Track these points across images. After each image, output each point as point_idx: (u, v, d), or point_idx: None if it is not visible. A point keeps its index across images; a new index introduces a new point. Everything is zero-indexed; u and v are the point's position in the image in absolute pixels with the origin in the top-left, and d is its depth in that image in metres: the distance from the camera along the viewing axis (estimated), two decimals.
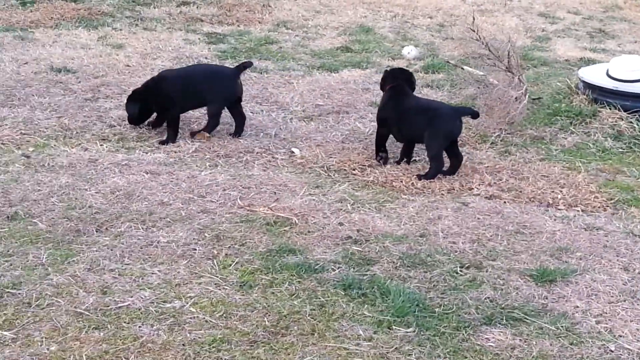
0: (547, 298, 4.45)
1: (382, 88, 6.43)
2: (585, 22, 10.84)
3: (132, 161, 5.92)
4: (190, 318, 4.08)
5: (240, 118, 6.57)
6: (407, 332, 4.07)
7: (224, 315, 4.13)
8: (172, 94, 6.36)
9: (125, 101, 6.55)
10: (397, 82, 6.30)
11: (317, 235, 4.99)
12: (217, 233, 4.93)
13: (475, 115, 6.19)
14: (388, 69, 6.68)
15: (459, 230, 5.17)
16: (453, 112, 6.09)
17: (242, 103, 7.00)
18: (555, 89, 7.79)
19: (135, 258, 4.61)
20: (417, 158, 6.26)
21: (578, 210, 5.59)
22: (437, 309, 4.28)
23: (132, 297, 4.23)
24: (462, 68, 8.08)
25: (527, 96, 7.15)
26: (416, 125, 6.03)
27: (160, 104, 6.43)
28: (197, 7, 10.26)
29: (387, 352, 3.90)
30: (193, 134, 6.40)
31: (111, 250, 4.67)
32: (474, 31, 8.18)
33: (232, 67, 7.04)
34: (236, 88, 6.51)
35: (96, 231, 4.89)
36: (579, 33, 10.32)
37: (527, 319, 4.23)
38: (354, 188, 5.74)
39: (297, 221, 5.15)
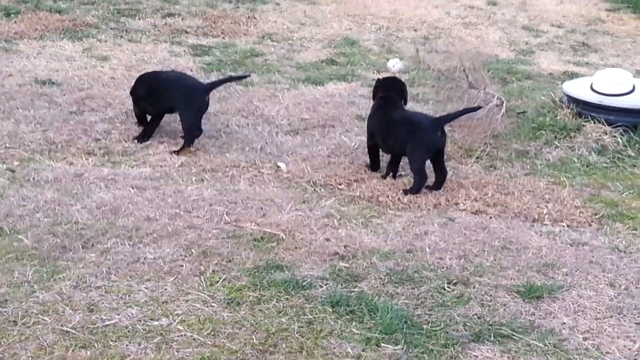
0: (534, 314, 4.47)
1: (373, 97, 6.47)
2: (569, 36, 10.89)
3: (117, 176, 5.90)
4: (178, 336, 4.07)
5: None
6: (396, 349, 4.07)
7: (212, 333, 4.11)
8: (140, 93, 6.66)
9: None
10: (388, 92, 6.33)
11: (304, 252, 4.99)
12: (204, 249, 4.92)
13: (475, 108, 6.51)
14: (380, 78, 6.70)
15: (445, 246, 5.18)
16: (434, 123, 6.07)
17: (228, 116, 7.04)
18: (539, 103, 7.82)
19: (121, 275, 4.59)
20: (403, 173, 6.26)
21: (563, 226, 5.61)
22: (425, 326, 4.28)
23: (119, 314, 4.21)
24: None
25: (503, 105, 7.20)
26: (399, 137, 6.06)
27: (134, 100, 6.71)
28: (182, 19, 10.24)
29: None
30: (177, 152, 6.38)
31: (97, 266, 4.65)
32: (420, 62, 8.36)
33: (204, 81, 7.31)
34: (205, 103, 6.60)
35: (82, 247, 4.86)
36: (562, 46, 10.37)
37: (515, 336, 4.24)
38: (341, 203, 5.74)
39: (284, 237, 5.14)
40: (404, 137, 6.01)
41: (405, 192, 5.93)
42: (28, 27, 9.42)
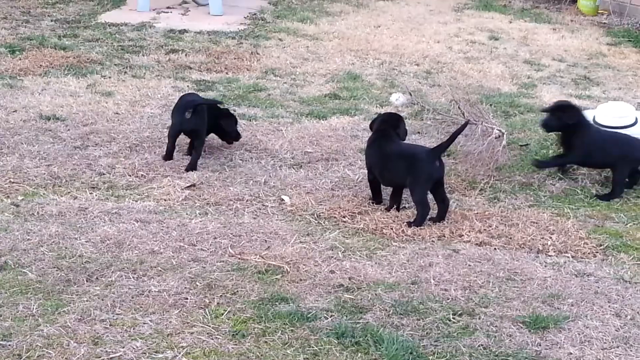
0: (540, 345, 4.46)
1: (371, 130, 6.54)
2: (570, 69, 10.94)
3: (122, 209, 5.91)
4: None
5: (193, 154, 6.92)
6: None
7: None
8: None
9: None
10: (383, 126, 6.37)
11: (308, 283, 4.99)
12: (208, 282, 4.92)
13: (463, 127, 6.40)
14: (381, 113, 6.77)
15: (450, 277, 5.18)
16: (431, 154, 6.08)
17: (231, 150, 7.08)
18: (542, 136, 7.83)
19: (126, 308, 4.58)
20: (407, 205, 6.27)
21: (568, 257, 5.61)
22: (431, 357, 4.27)
23: (123, 347, 4.20)
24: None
25: (504, 136, 7.23)
26: (396, 170, 6.09)
27: None
28: (185, 55, 10.30)
29: None
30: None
31: (102, 300, 4.65)
32: (422, 96, 8.39)
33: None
34: (182, 120, 6.84)
35: (87, 281, 4.86)
36: (564, 80, 10.41)
37: None
38: (345, 235, 5.75)
39: (288, 269, 5.14)
40: (403, 169, 6.04)
41: (409, 224, 5.93)
42: (33, 64, 9.47)
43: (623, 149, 6.73)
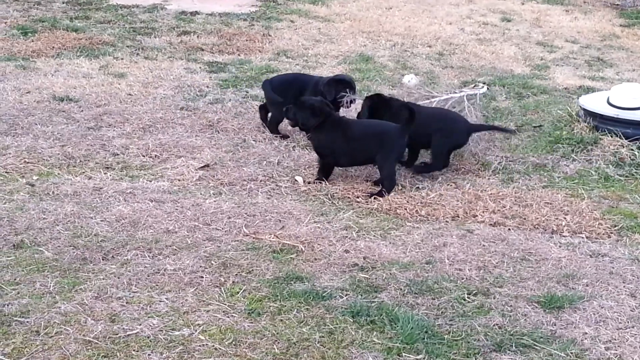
0: (555, 324, 4.45)
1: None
2: (584, 51, 10.91)
3: (136, 189, 5.92)
4: (200, 346, 4.07)
5: None
6: (417, 359, 4.07)
7: (233, 342, 4.12)
8: None
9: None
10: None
11: (323, 263, 5.00)
12: (223, 261, 4.93)
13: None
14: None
15: (464, 257, 5.18)
16: (401, 132, 6.19)
17: (245, 131, 7.14)
18: (556, 117, 7.82)
19: (142, 286, 4.60)
20: (421, 185, 6.27)
21: (583, 237, 5.60)
22: (446, 336, 4.27)
23: (140, 325, 4.22)
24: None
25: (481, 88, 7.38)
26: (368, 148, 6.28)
27: None
28: (197, 37, 10.30)
29: None
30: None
31: (118, 278, 4.66)
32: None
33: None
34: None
35: (103, 259, 4.88)
36: (577, 61, 10.38)
37: (537, 346, 4.23)
38: (358, 216, 5.75)
39: (303, 248, 5.15)
40: (373, 147, 6.18)
41: (371, 195, 6.05)
42: (45, 46, 9.49)
43: (439, 123, 6.58)
